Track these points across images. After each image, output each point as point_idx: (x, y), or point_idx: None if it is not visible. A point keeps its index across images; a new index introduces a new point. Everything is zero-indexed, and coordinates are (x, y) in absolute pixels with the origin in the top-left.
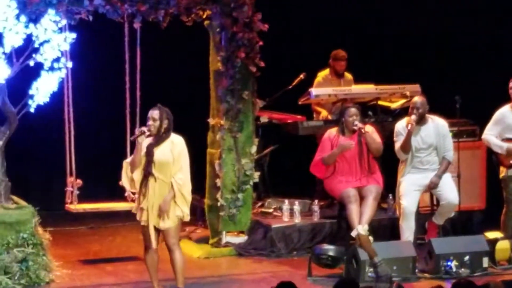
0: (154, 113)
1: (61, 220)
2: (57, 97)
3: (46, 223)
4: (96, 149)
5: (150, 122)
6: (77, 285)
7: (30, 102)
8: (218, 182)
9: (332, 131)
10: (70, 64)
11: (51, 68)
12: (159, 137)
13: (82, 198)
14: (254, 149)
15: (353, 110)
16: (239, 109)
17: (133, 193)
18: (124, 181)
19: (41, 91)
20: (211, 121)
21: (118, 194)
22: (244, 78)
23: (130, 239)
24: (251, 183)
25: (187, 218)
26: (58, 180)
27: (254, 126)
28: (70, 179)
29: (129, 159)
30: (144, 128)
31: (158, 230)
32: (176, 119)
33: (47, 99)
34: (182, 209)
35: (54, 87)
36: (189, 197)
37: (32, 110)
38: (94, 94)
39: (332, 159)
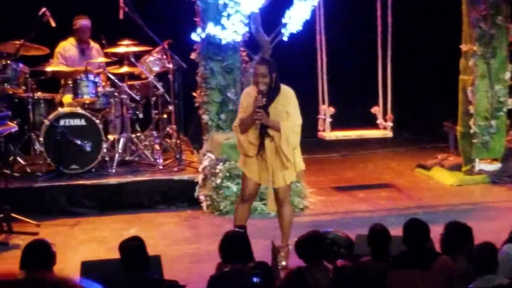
0: (262, 68)
1: (313, 148)
2: (309, 25)
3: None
4: (348, 76)
5: (259, 79)
6: (330, 211)
7: (283, 30)
8: (471, 109)
9: None
10: None
11: None
12: (270, 93)
13: (334, 126)
14: (508, 75)
15: None
16: (492, 34)
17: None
18: (239, 147)
19: (294, 19)
20: (464, 47)
21: (370, 121)
22: (498, 3)
23: (381, 166)
24: (505, 109)
25: (301, 168)
26: (310, 108)
27: (507, 52)
28: (323, 107)
29: (236, 121)
30: (259, 102)
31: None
32: (426, 47)
33: (299, 27)
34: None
35: (307, 15)
36: (295, 142)
37: (285, 38)
38: (345, 22)
39: None
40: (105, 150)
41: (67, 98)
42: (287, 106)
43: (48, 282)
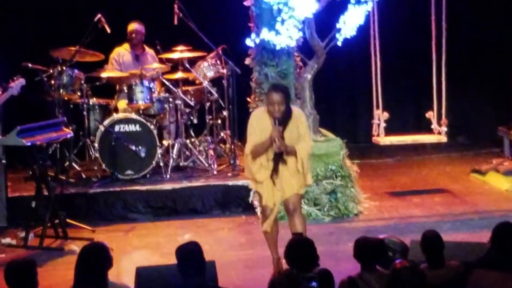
0: (278, 96)
1: (368, 152)
2: (363, 30)
3: (353, 155)
4: (402, 81)
5: (276, 107)
6: (385, 216)
7: (337, 35)
8: None
9: None
10: None
11: (358, 2)
12: (284, 119)
13: (388, 131)
14: None
15: None
16: None
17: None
18: (248, 172)
19: (348, 24)
20: None
21: (424, 126)
22: None
23: (436, 172)
24: None
25: (310, 182)
26: (364, 113)
27: None
28: (377, 112)
29: (248, 149)
30: (277, 132)
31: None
32: (481, 51)
33: (353, 32)
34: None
35: (361, 20)
36: (307, 163)
37: (339, 43)
38: (400, 27)
39: None
40: (159, 156)
41: (122, 103)
42: (300, 128)
43: None
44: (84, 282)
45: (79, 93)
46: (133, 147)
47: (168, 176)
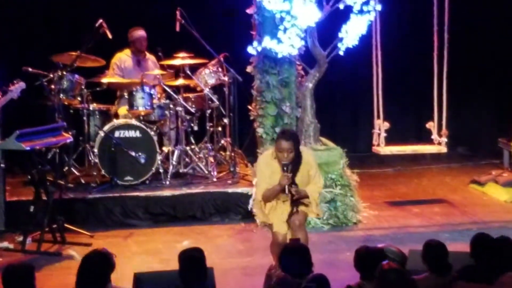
0: (288, 144)
1: (368, 162)
2: (365, 40)
3: (353, 164)
4: (403, 91)
5: (285, 155)
6: (384, 226)
7: (339, 44)
8: None
9: None
10: (379, 7)
11: (360, 11)
12: (294, 165)
13: (389, 140)
14: None
15: None
16: None
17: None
18: (260, 216)
19: (350, 33)
20: None
21: (425, 136)
22: None
23: (436, 182)
24: None
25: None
26: (365, 122)
27: None
28: (377, 121)
29: (259, 195)
30: (286, 179)
31: None
32: (482, 63)
33: (355, 42)
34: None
35: (363, 30)
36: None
37: (341, 52)
38: (401, 37)
39: None
40: (159, 162)
41: (123, 110)
42: (310, 170)
43: None
44: None
45: (79, 98)
46: (133, 153)
47: (167, 182)
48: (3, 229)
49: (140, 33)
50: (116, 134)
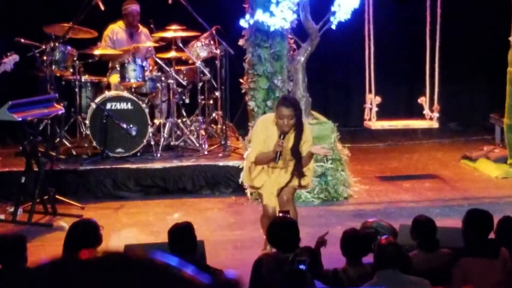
0: (288, 110)
1: (359, 136)
2: (357, 14)
3: (345, 139)
4: (395, 66)
5: (285, 121)
6: (375, 201)
7: (331, 18)
8: None
9: None
10: None
11: None
12: (297, 135)
13: (380, 115)
14: None
15: None
16: None
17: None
18: (246, 179)
19: (343, 7)
20: None
21: (416, 111)
22: None
23: (427, 157)
24: None
25: (309, 184)
26: (357, 97)
27: None
28: (369, 96)
29: (252, 156)
30: (279, 147)
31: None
32: (474, 38)
33: (348, 16)
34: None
35: (356, 4)
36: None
37: (333, 26)
38: (394, 12)
39: None
40: (150, 135)
41: (114, 78)
42: (306, 141)
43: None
44: None
45: (71, 70)
46: (124, 125)
47: (158, 155)
48: None
49: (134, 7)
50: (108, 106)
